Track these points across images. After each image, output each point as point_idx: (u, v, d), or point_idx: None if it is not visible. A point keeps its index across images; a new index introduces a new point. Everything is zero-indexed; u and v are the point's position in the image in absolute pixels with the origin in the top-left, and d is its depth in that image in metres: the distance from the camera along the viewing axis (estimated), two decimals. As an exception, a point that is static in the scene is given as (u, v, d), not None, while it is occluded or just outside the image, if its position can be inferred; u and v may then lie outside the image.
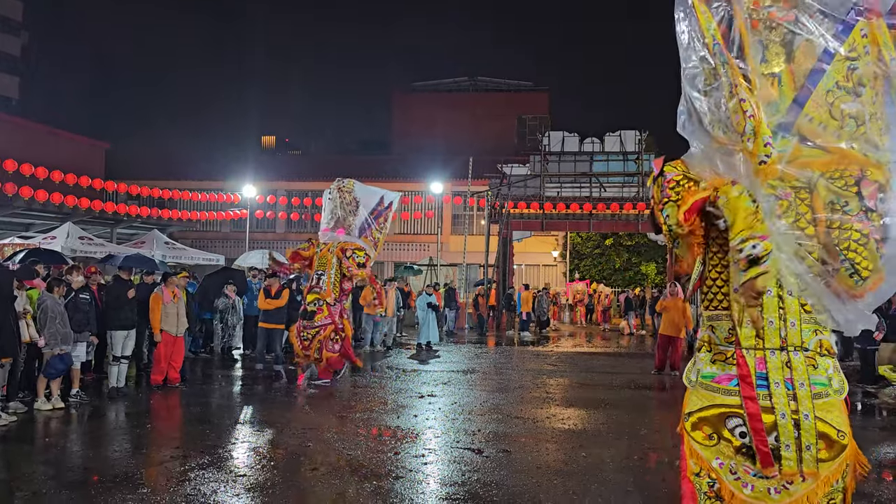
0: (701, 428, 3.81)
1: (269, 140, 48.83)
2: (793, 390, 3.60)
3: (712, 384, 3.79)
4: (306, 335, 10.93)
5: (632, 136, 26.14)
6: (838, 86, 3.62)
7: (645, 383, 12.06)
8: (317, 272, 11.20)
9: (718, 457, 3.74)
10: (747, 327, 3.66)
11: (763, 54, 3.67)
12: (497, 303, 24.66)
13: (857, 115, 3.62)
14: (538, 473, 6.32)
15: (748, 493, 3.65)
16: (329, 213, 11.59)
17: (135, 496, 5.42)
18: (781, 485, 3.60)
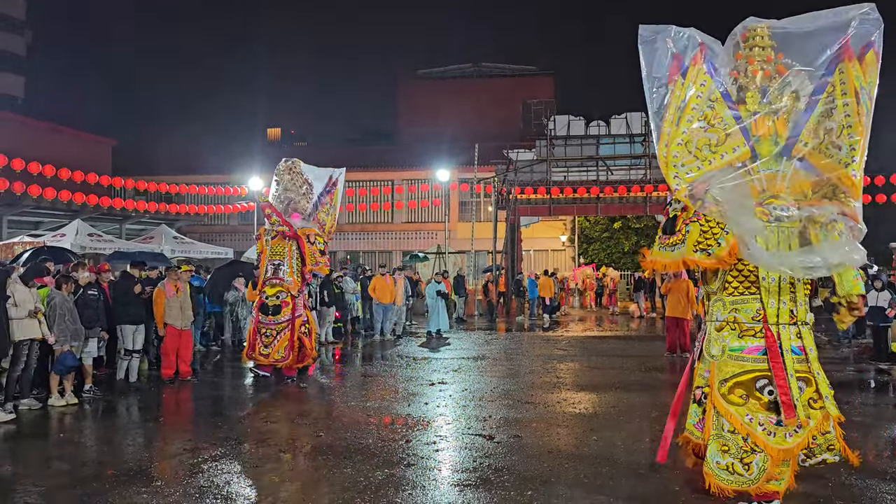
0: (734, 391, 4.68)
1: (275, 132, 48.79)
2: (803, 355, 4.65)
3: (742, 355, 4.72)
4: (269, 332, 10.23)
5: (638, 118, 25.95)
6: (822, 115, 4.60)
7: (655, 365, 12.04)
8: (272, 262, 10.44)
9: (748, 413, 4.63)
10: (771, 308, 4.66)
11: (764, 94, 4.64)
12: (506, 289, 24.64)
13: (832, 128, 4.57)
14: (550, 458, 6.32)
15: (772, 441, 4.59)
16: (279, 197, 10.75)
17: (149, 489, 5.46)
18: (792, 430, 4.59)
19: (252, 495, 5.40)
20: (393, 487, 5.48)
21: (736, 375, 4.70)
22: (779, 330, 4.66)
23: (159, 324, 10.27)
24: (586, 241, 35.94)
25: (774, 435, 4.58)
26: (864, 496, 5.29)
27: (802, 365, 4.64)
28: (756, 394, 4.64)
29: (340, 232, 36.38)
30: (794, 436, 4.58)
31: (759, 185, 4.59)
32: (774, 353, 4.62)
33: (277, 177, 10.84)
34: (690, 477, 5.82)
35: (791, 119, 4.64)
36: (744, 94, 4.68)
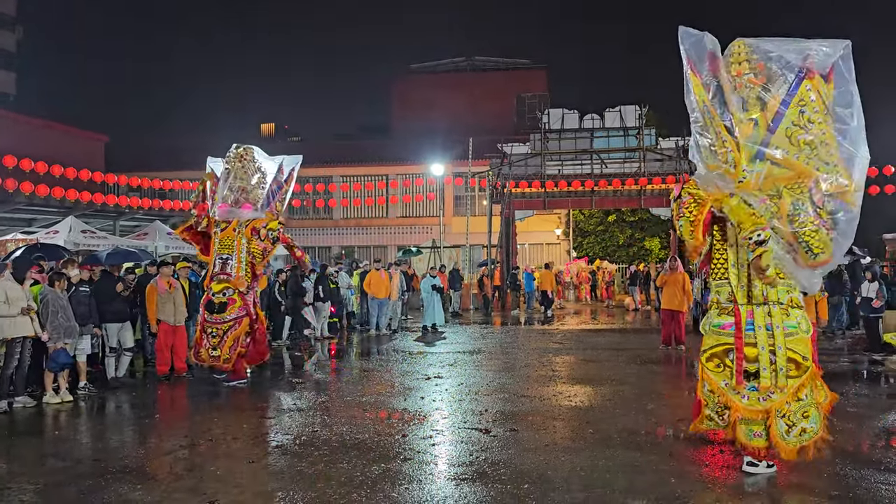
0: (712, 360, 5.75)
1: (269, 127, 48.67)
2: (771, 331, 5.47)
3: (720, 330, 5.70)
4: (215, 331, 9.65)
5: (632, 111, 25.96)
6: (793, 124, 5.29)
7: (651, 358, 12.06)
8: (220, 256, 9.88)
9: (725, 379, 5.63)
10: (741, 291, 5.59)
11: (744, 105, 5.43)
12: (501, 283, 24.65)
13: (811, 142, 5.27)
14: (546, 451, 6.33)
15: (745, 402, 5.52)
16: (228, 186, 10.02)
17: (144, 485, 5.45)
18: (765, 395, 5.44)
19: (248, 490, 5.38)
20: (389, 482, 5.48)
21: (712, 347, 5.75)
22: (752, 309, 5.53)
23: (152, 321, 10.24)
24: (581, 235, 35.97)
25: (748, 398, 5.49)
26: (859, 486, 5.32)
27: (770, 341, 5.47)
28: (727, 362, 5.64)
29: (335, 227, 36.44)
30: (766, 400, 5.45)
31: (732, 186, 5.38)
32: (738, 329, 5.55)
33: (228, 165, 10.10)
34: (686, 469, 5.85)
35: (762, 126, 5.36)
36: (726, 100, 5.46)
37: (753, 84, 5.40)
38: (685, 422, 7.42)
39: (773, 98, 5.38)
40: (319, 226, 36.57)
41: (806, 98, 5.29)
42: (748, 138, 5.34)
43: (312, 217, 36.41)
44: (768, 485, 5.42)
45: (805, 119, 5.29)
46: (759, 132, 5.35)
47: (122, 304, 10.15)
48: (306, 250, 38.09)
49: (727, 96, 5.40)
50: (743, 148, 5.31)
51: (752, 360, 5.50)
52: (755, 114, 5.39)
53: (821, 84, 5.30)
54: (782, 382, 5.43)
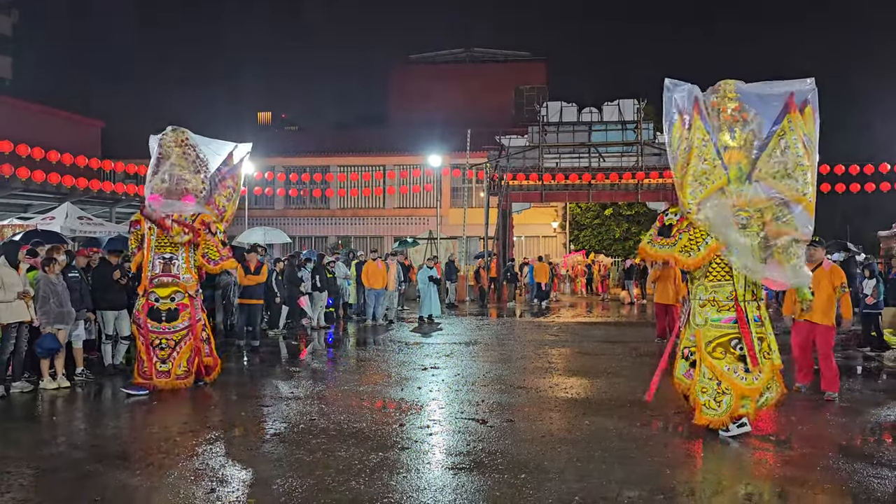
0: (716, 350, 6.55)
1: (266, 116, 48.51)
2: (760, 322, 6.59)
3: (721, 324, 6.58)
4: (164, 342, 8.52)
5: (630, 105, 25.96)
6: (775, 150, 6.34)
7: (646, 351, 12.12)
8: (160, 256, 8.67)
9: (727, 365, 6.52)
10: (740, 290, 6.56)
11: (732, 135, 6.43)
12: (497, 275, 24.69)
13: (786, 166, 6.33)
14: (542, 442, 6.38)
15: (743, 383, 6.48)
16: (164, 174, 8.79)
17: (143, 472, 5.48)
18: (755, 376, 6.48)
19: (247, 478, 5.42)
20: (387, 471, 5.52)
21: (717, 338, 6.58)
22: (745, 305, 6.54)
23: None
24: (577, 228, 36.01)
25: (746, 379, 6.48)
26: (852, 480, 5.37)
27: (760, 329, 6.58)
28: (731, 350, 6.53)
29: (332, 217, 36.43)
30: (758, 379, 6.50)
31: (732, 202, 6.42)
32: (743, 322, 6.51)
33: (163, 150, 8.87)
34: (681, 461, 5.90)
35: (750, 153, 6.41)
36: (719, 132, 6.47)
37: (740, 118, 6.46)
38: (681, 414, 7.50)
39: (756, 129, 6.43)
40: (316, 215, 36.55)
41: (786, 129, 6.34)
42: (737, 163, 6.42)
43: (309, 207, 36.37)
44: (764, 478, 5.47)
45: (782, 146, 6.35)
46: (746, 158, 6.43)
47: (119, 293, 10.11)
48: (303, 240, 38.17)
49: (716, 127, 6.46)
50: (732, 171, 6.42)
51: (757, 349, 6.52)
52: (738, 142, 6.44)
53: (797, 117, 6.34)
54: (767, 368, 6.54)
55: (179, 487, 5.14)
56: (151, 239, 8.73)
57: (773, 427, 7.03)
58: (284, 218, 35.50)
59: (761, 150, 6.38)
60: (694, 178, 6.48)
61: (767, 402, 6.69)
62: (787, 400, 7.91)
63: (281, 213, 36.05)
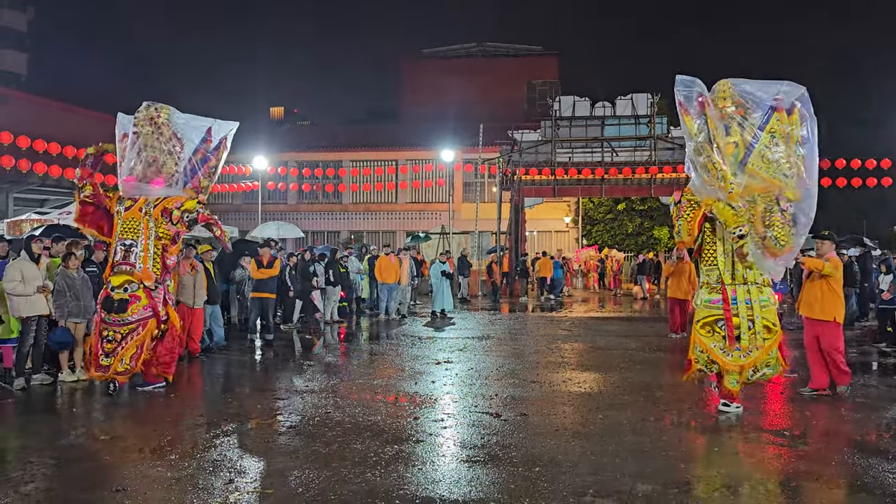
0: (704, 328, 7.30)
1: (278, 111, 48.67)
2: (750, 304, 7.11)
3: (711, 304, 7.28)
4: (111, 335, 7.93)
5: (643, 100, 25.82)
6: (766, 146, 6.94)
7: (659, 346, 12.12)
8: (122, 242, 8.11)
9: (714, 342, 7.24)
10: (727, 273, 7.20)
11: (728, 131, 6.98)
12: (510, 270, 24.70)
13: (778, 160, 6.94)
14: (556, 436, 6.41)
15: (729, 359, 7.15)
16: (135, 156, 8.19)
17: (163, 462, 5.56)
18: (745, 353, 7.11)
19: (264, 469, 5.49)
20: (403, 463, 5.57)
21: (706, 318, 7.30)
22: (734, 288, 7.14)
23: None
24: (590, 223, 35.95)
25: (731, 355, 7.12)
26: (867, 474, 5.38)
27: (749, 311, 7.08)
28: (716, 329, 7.22)
29: (344, 211, 36.54)
30: (746, 357, 7.11)
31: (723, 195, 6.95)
32: (726, 304, 7.14)
33: (136, 128, 8.22)
34: (695, 455, 5.92)
35: (743, 147, 6.98)
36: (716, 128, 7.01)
37: (735, 115, 6.99)
38: (694, 409, 7.52)
39: (750, 126, 6.97)
40: (329, 210, 36.66)
41: (775, 127, 6.96)
42: (732, 156, 6.96)
43: (322, 201, 36.48)
44: (778, 472, 5.48)
45: (773, 143, 6.96)
46: (740, 152, 6.98)
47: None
48: (316, 235, 38.36)
49: (714, 124, 6.98)
50: (728, 164, 6.92)
51: (736, 327, 7.11)
52: (736, 138, 6.98)
53: (785, 117, 7.00)
54: (760, 343, 7.10)
55: (199, 478, 5.21)
56: (118, 223, 8.18)
57: (788, 422, 7.03)
58: (297, 213, 35.64)
59: (753, 146, 6.97)
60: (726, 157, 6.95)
61: (766, 377, 7.33)
62: (801, 395, 7.98)
63: (294, 207, 36.18)
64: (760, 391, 8.52)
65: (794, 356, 10.46)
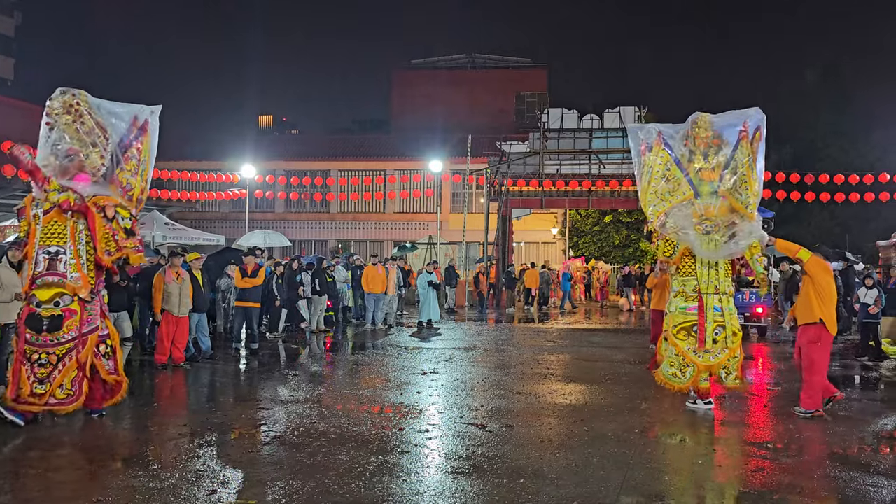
0: (680, 332, 8.13)
1: (267, 119, 48.64)
2: (721, 312, 7.97)
3: (686, 311, 8.12)
4: (45, 358, 6.83)
5: (631, 112, 26.02)
6: (730, 172, 7.98)
7: (644, 358, 12.14)
8: (45, 250, 6.97)
9: (688, 345, 8.06)
10: (704, 283, 8.05)
11: (706, 158, 8.02)
12: (497, 280, 24.73)
13: (735, 182, 7.96)
14: (541, 447, 6.42)
15: (700, 359, 7.99)
16: (49, 150, 7.15)
17: (145, 472, 5.51)
18: (714, 355, 7.97)
19: (248, 480, 5.45)
20: (387, 474, 5.56)
21: (681, 323, 8.13)
22: (707, 298, 7.98)
23: (156, 309, 10.25)
24: (577, 235, 36.06)
25: (702, 357, 7.97)
26: (849, 487, 5.42)
27: (720, 318, 7.94)
28: (692, 333, 8.05)
29: (332, 220, 36.48)
30: (715, 357, 7.95)
31: (700, 212, 7.92)
32: (701, 311, 7.98)
33: (51, 118, 7.20)
34: (679, 467, 5.95)
35: (718, 173, 7.98)
36: (693, 156, 8.04)
37: (713, 144, 7.98)
38: (678, 422, 7.56)
39: (723, 154, 7.98)
40: (316, 219, 36.58)
41: (739, 155, 7.93)
42: (710, 181, 7.98)
43: (309, 210, 36.39)
44: (761, 485, 5.51)
45: (733, 166, 7.95)
46: (716, 177, 7.97)
47: (120, 294, 10.18)
48: (303, 244, 38.12)
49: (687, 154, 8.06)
50: (705, 187, 7.99)
51: (706, 331, 7.95)
52: (713, 164, 7.98)
53: (747, 145, 7.93)
54: (730, 345, 7.95)
55: (181, 488, 5.17)
56: (37, 229, 7.04)
57: (771, 435, 7.07)
58: (285, 221, 35.55)
59: (725, 169, 7.97)
60: (655, 195, 8.18)
61: (730, 383, 8.11)
62: (785, 409, 8.04)
63: (281, 216, 36.09)
64: (744, 404, 8.57)
65: (781, 369, 10.54)
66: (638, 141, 8.42)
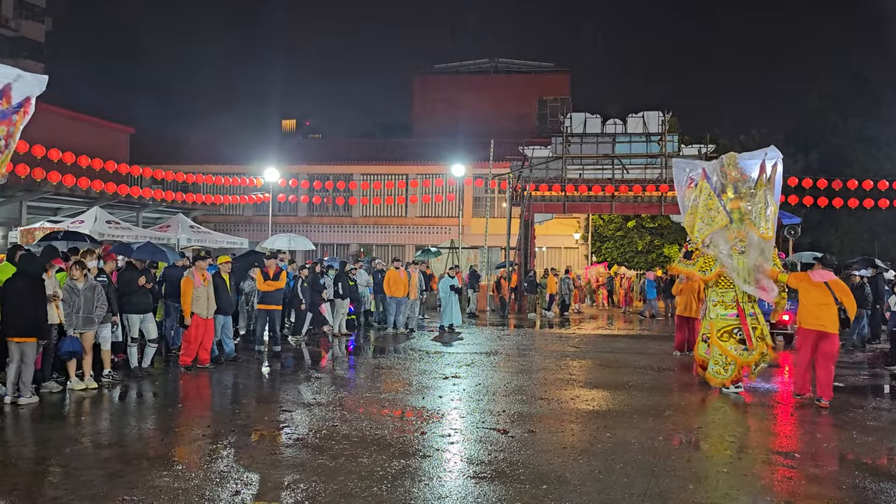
0: (723, 335, 9.64)
1: (290, 124, 48.97)
2: (755, 316, 9.63)
3: (727, 318, 9.70)
4: None
5: (655, 117, 25.87)
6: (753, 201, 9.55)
7: (668, 365, 12.05)
8: None
9: (731, 345, 9.57)
10: (740, 294, 9.60)
11: (735, 191, 9.67)
12: (518, 285, 24.66)
13: (751, 211, 9.51)
14: (563, 453, 6.38)
15: (741, 357, 9.47)
16: None
17: (170, 473, 5.56)
18: (750, 352, 9.48)
19: (271, 481, 5.48)
20: (409, 478, 5.55)
21: (723, 328, 9.69)
22: (744, 305, 9.59)
23: (186, 313, 10.39)
24: (599, 240, 35.86)
25: (743, 354, 9.48)
26: (878, 499, 5.32)
27: (754, 321, 9.58)
28: (733, 335, 9.61)
29: (354, 225, 36.63)
30: (752, 354, 9.49)
31: (734, 235, 9.47)
32: (742, 317, 9.59)
33: None
34: (704, 475, 5.87)
35: (746, 202, 9.54)
36: (725, 188, 9.71)
37: (741, 178, 9.64)
38: (703, 429, 7.47)
39: (746, 187, 9.60)
40: (338, 223, 36.76)
41: (758, 188, 9.54)
42: (739, 210, 9.52)
43: (332, 214, 36.59)
44: (788, 495, 5.43)
45: (756, 199, 9.50)
46: (743, 206, 9.52)
47: (145, 296, 10.28)
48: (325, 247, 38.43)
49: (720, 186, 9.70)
50: (735, 214, 9.51)
51: (750, 332, 9.49)
52: (741, 195, 9.59)
53: (764, 180, 9.56)
54: (761, 346, 9.50)
55: (205, 489, 5.21)
56: None
57: (798, 444, 6.97)
58: (307, 225, 35.75)
59: (750, 199, 9.51)
60: (701, 220, 9.71)
61: (761, 369, 9.80)
62: (812, 417, 7.90)
63: (304, 220, 36.29)
64: (770, 413, 8.45)
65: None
66: (683, 174, 10.35)
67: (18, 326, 7.88)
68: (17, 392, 7.93)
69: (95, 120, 33.64)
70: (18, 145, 17.77)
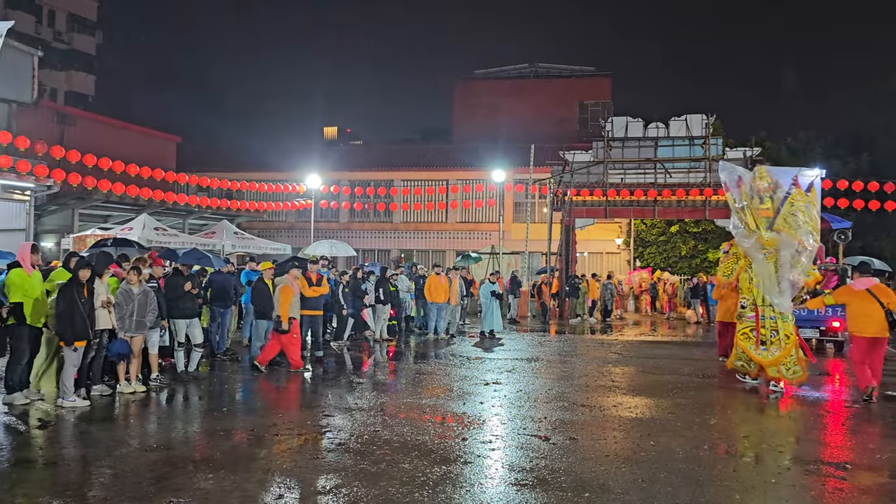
0: (743, 335, 10.40)
1: (331, 131, 49.44)
2: (774, 319, 10.09)
3: (747, 319, 10.37)
4: None
5: (698, 121, 25.45)
6: (787, 212, 9.96)
7: (712, 371, 11.83)
8: None
9: (749, 344, 10.26)
10: (759, 299, 10.22)
11: (762, 200, 10.12)
12: (560, 291, 24.49)
13: (795, 222, 9.90)
14: (606, 461, 6.30)
15: (759, 356, 10.12)
16: None
17: (215, 475, 5.66)
18: (771, 353, 10.03)
19: (313, 485, 5.53)
20: (451, 484, 5.55)
21: (743, 328, 10.40)
22: (764, 308, 10.16)
23: (284, 318, 10.98)
24: (642, 245, 35.40)
25: (761, 354, 10.09)
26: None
27: (774, 324, 10.05)
28: (750, 336, 10.28)
29: (395, 230, 36.84)
30: (773, 354, 9.98)
31: (763, 241, 9.93)
32: (757, 320, 10.21)
33: None
34: (750, 486, 5.75)
35: (772, 212, 10.03)
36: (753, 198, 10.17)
37: (768, 190, 10.08)
38: (750, 438, 7.32)
39: (777, 198, 10.04)
40: (379, 228, 37.02)
41: (794, 199, 10.00)
42: (764, 219, 9.99)
43: (373, 220, 36.88)
44: (838, 499, 5.28)
45: (792, 210, 9.96)
46: (770, 215, 10.00)
47: (191, 301, 10.51)
48: (366, 253, 38.71)
49: (748, 196, 10.14)
50: (762, 224, 9.97)
51: (761, 334, 10.14)
52: (768, 205, 10.08)
53: (801, 193, 10.08)
54: (783, 346, 9.93)
55: (249, 492, 5.29)
56: None
57: (849, 455, 6.77)
58: (349, 231, 36.08)
59: (779, 211, 9.99)
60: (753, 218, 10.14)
61: (796, 377, 9.95)
62: (864, 426, 7.69)
63: (346, 226, 36.63)
64: (820, 422, 8.24)
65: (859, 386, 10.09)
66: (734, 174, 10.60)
67: (79, 331, 8.14)
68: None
69: (144, 129, 34.53)
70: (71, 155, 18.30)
